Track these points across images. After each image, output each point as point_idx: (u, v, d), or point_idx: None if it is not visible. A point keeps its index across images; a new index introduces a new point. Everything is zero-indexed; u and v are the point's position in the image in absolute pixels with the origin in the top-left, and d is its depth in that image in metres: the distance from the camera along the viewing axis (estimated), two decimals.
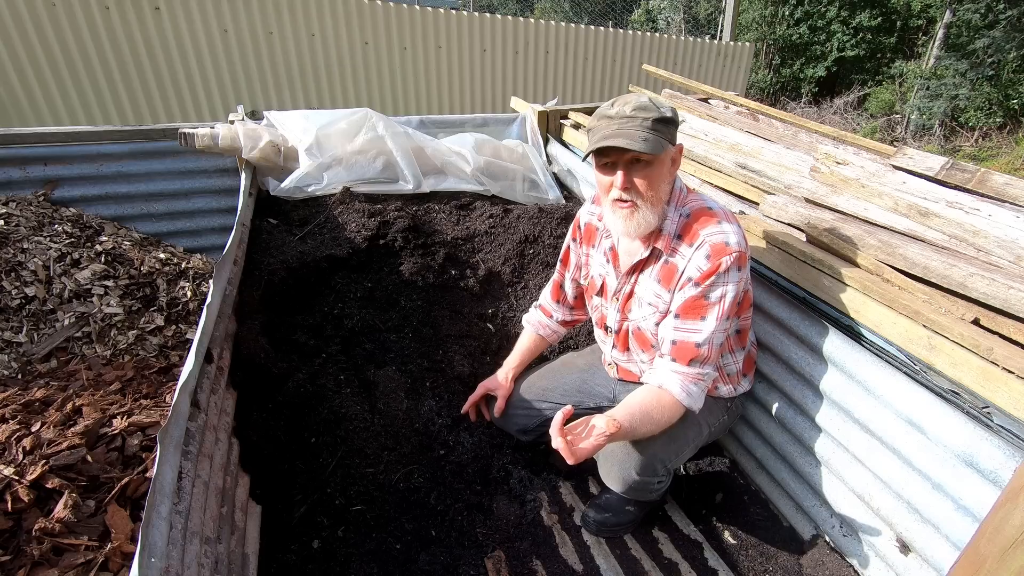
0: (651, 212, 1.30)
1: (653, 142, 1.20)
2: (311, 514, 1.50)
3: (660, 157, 1.25)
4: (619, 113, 1.23)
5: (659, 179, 1.28)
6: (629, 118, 1.22)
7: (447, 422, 1.79)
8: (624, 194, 1.28)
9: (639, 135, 1.20)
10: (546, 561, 1.51)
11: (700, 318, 1.29)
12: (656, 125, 1.22)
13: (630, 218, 1.30)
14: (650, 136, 1.20)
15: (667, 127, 1.24)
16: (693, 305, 1.30)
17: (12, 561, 0.96)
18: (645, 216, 1.30)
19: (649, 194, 1.27)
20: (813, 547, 1.58)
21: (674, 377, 1.32)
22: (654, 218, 1.31)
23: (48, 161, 2.16)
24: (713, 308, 1.28)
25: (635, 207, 1.29)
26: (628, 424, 1.26)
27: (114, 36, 4.10)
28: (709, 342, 1.29)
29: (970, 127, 9.31)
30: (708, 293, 1.28)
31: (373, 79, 5.16)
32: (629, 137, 1.20)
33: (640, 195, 1.27)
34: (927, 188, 1.48)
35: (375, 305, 1.99)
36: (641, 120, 1.21)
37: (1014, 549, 0.82)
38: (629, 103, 1.24)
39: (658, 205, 1.30)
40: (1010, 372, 1.09)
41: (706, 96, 3.01)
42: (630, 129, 1.21)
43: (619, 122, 1.23)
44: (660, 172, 1.27)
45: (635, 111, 1.22)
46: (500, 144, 2.60)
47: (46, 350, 1.74)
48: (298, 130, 2.25)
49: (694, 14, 12.61)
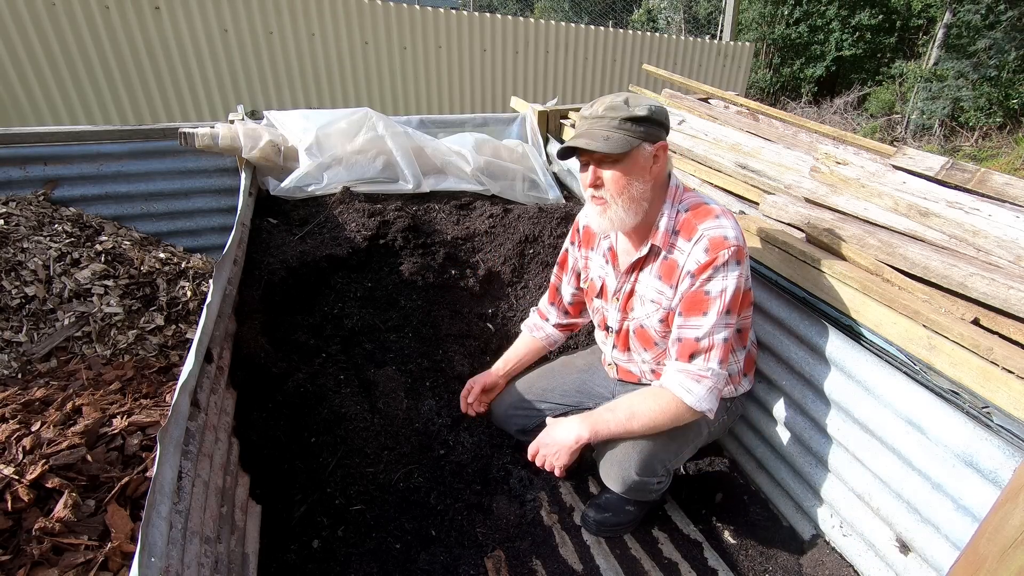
0: (622, 209, 1.30)
1: (616, 140, 1.21)
2: (311, 514, 1.50)
3: (629, 155, 1.25)
4: (592, 113, 1.26)
5: (630, 177, 1.27)
6: (599, 118, 1.24)
7: (447, 422, 1.79)
8: (595, 191, 1.31)
9: (601, 134, 1.22)
10: (546, 561, 1.51)
11: (702, 314, 1.29)
12: (624, 124, 1.22)
13: (603, 214, 1.33)
14: (613, 135, 1.22)
15: (638, 125, 1.24)
16: (694, 301, 1.30)
17: (12, 561, 0.96)
18: (616, 213, 1.31)
19: (616, 191, 1.28)
20: (813, 547, 1.58)
21: (675, 376, 1.32)
22: (627, 216, 1.31)
23: (48, 161, 2.16)
24: (714, 303, 1.28)
25: (606, 204, 1.31)
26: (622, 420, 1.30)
27: (114, 36, 4.10)
28: (709, 336, 1.29)
29: (970, 127, 9.31)
30: (707, 288, 1.28)
31: (373, 79, 5.16)
32: (591, 137, 1.23)
33: (609, 192, 1.29)
34: (927, 188, 1.48)
35: (375, 305, 1.99)
36: (609, 120, 1.23)
37: (1014, 549, 0.82)
38: (603, 103, 1.26)
39: (633, 203, 1.30)
40: (1010, 372, 1.09)
41: (706, 96, 3.01)
42: (596, 129, 1.23)
43: (590, 122, 1.26)
44: (630, 169, 1.26)
45: (606, 111, 1.24)
46: (500, 144, 2.59)
47: (46, 350, 1.74)
48: (298, 130, 2.25)
49: (694, 14, 12.61)
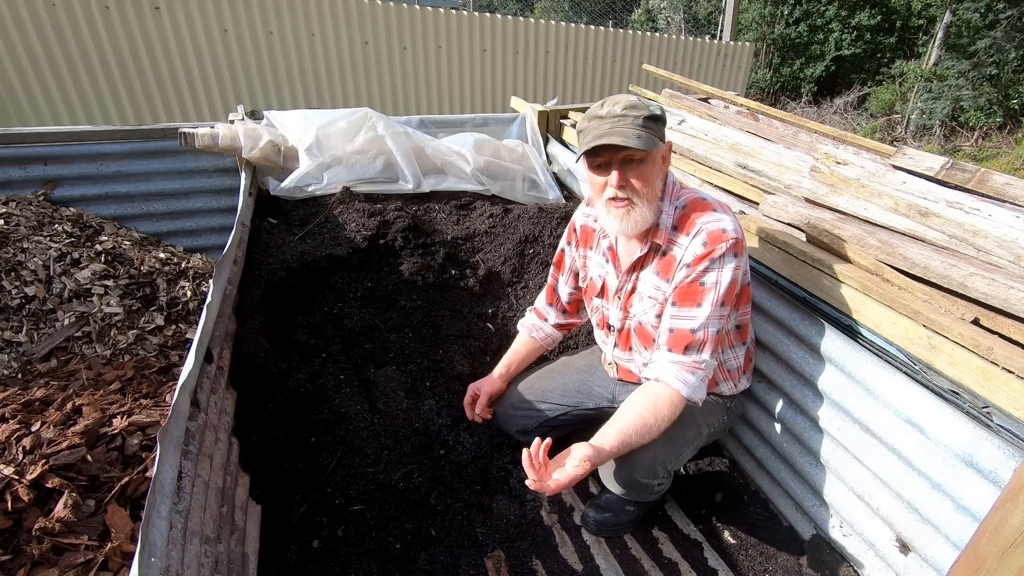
0: (647, 209, 1.31)
1: (646, 139, 1.22)
2: (311, 514, 1.50)
3: (652, 154, 1.27)
4: (610, 113, 1.25)
5: (653, 176, 1.30)
6: (621, 117, 1.24)
7: (447, 422, 1.79)
8: (620, 192, 1.29)
9: (633, 132, 1.22)
10: (546, 561, 1.51)
11: (696, 304, 1.29)
12: (647, 123, 1.24)
13: (626, 216, 1.32)
14: (643, 133, 1.22)
15: (657, 124, 1.26)
16: (688, 291, 1.30)
17: (12, 561, 0.96)
18: (641, 213, 1.31)
19: (644, 191, 1.29)
20: (813, 547, 1.58)
21: (670, 368, 1.31)
22: (650, 215, 1.32)
23: (48, 161, 2.16)
24: (708, 293, 1.28)
25: (631, 205, 1.30)
26: (618, 448, 1.27)
27: (114, 36, 4.10)
28: (704, 328, 1.29)
29: (970, 127, 9.31)
30: (703, 279, 1.29)
31: (373, 79, 5.16)
32: (623, 135, 1.21)
33: (636, 192, 1.29)
34: (927, 188, 1.48)
35: (375, 305, 1.99)
36: (633, 118, 1.23)
37: (1014, 549, 0.82)
38: (619, 103, 1.26)
39: (653, 202, 1.32)
40: (1010, 372, 1.09)
41: (706, 96, 3.01)
42: (623, 127, 1.23)
43: (611, 121, 1.24)
44: (653, 169, 1.29)
45: (626, 110, 1.24)
46: (500, 144, 2.59)
47: (46, 350, 1.74)
48: (298, 130, 2.25)
49: (694, 14, 12.61)
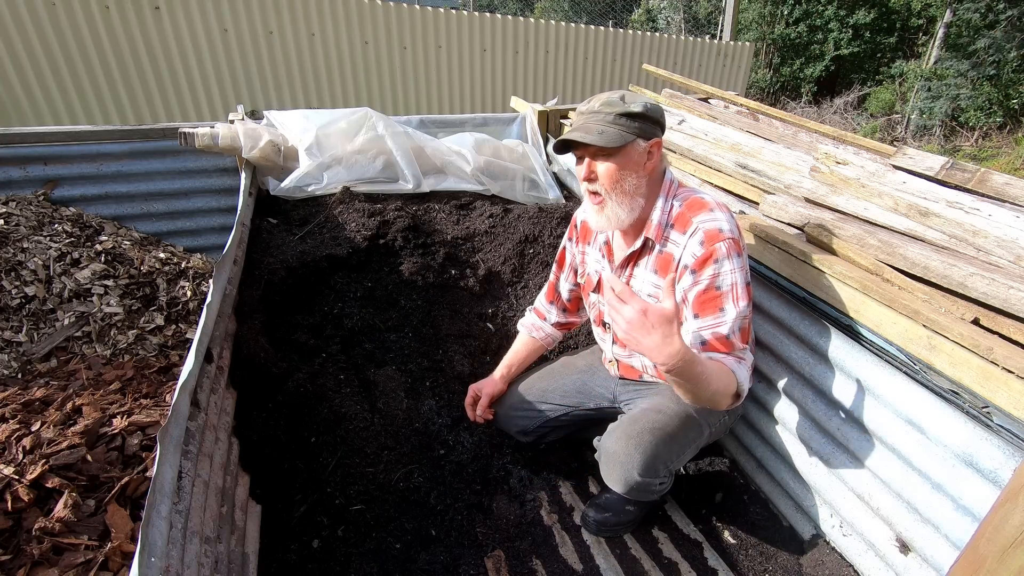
0: (618, 206, 1.32)
1: (610, 134, 1.23)
2: (311, 514, 1.50)
3: (623, 149, 1.27)
4: (588, 109, 1.28)
5: (624, 172, 1.29)
6: (595, 113, 1.26)
7: (447, 422, 1.79)
8: (590, 186, 1.32)
9: (596, 128, 1.24)
10: (546, 561, 1.51)
11: (719, 310, 1.28)
12: (619, 119, 1.24)
13: (600, 212, 1.34)
14: (608, 129, 1.23)
15: (633, 121, 1.26)
16: (706, 300, 1.29)
17: (12, 560, 0.96)
18: (613, 210, 1.32)
19: (612, 187, 1.30)
20: (813, 547, 1.58)
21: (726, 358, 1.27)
22: (624, 212, 1.32)
23: (48, 160, 2.16)
24: (727, 296, 1.28)
25: (603, 200, 1.32)
26: (703, 364, 1.16)
27: (114, 36, 4.10)
28: (733, 328, 1.28)
29: (970, 127, 9.30)
30: (717, 283, 1.28)
31: (373, 79, 5.16)
32: (585, 130, 1.24)
33: (603, 187, 1.30)
34: (927, 188, 1.48)
35: (375, 305, 1.99)
36: (604, 115, 1.25)
37: (1014, 549, 0.82)
38: (599, 100, 1.27)
39: (626, 198, 1.31)
40: (1010, 372, 1.09)
41: (706, 96, 3.01)
42: (591, 123, 1.25)
43: (585, 117, 1.28)
44: (624, 164, 1.28)
45: (601, 106, 1.26)
46: (500, 144, 2.59)
47: (46, 350, 1.74)
48: (298, 130, 2.25)
49: (694, 14, 12.60)
